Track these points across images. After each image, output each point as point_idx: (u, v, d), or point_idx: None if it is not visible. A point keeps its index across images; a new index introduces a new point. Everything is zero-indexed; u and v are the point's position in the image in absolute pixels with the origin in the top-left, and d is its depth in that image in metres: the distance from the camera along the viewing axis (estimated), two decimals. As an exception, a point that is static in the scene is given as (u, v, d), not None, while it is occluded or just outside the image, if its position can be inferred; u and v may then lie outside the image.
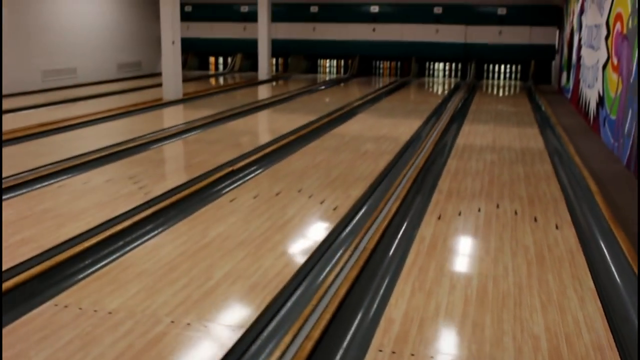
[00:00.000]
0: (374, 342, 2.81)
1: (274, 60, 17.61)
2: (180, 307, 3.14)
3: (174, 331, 2.90)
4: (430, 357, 2.71)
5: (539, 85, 15.29)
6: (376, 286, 3.49)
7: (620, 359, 2.74)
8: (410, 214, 4.82)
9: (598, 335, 2.93)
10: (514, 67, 16.57)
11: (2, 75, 11.62)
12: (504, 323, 3.02)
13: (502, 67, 16.68)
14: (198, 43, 17.36)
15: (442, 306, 3.19)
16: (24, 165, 6.01)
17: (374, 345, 2.78)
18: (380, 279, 3.58)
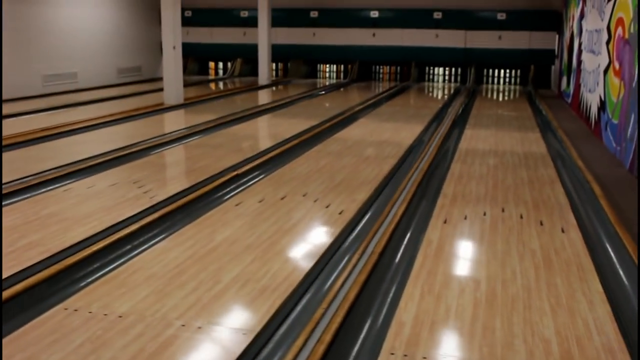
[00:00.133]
0: (385, 345, 2.82)
1: (274, 65, 17.63)
2: (190, 310, 3.14)
3: (185, 334, 2.89)
4: (442, 360, 2.72)
5: (539, 89, 15.32)
6: (385, 290, 3.49)
7: (631, 362, 2.75)
8: (416, 218, 4.83)
9: (608, 339, 2.93)
10: (513, 72, 16.61)
11: (4, 80, 11.63)
12: (514, 326, 3.03)
13: (502, 71, 16.72)
14: (198, 48, 17.37)
15: (452, 309, 3.19)
16: (28, 170, 6.01)
17: (386, 349, 2.79)
18: (389, 283, 3.59)
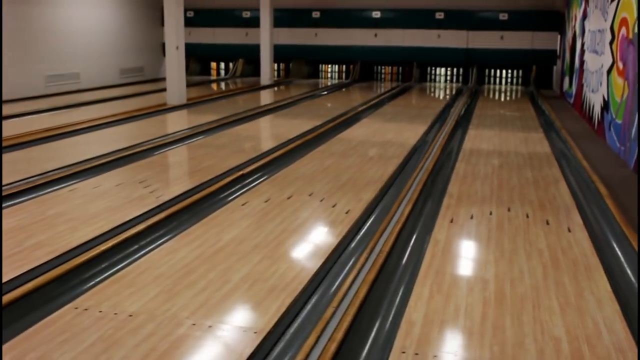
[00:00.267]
0: (396, 344, 2.82)
1: (276, 66, 17.63)
2: (200, 309, 3.14)
3: (196, 333, 2.90)
4: (454, 359, 2.72)
5: (541, 90, 15.32)
6: (394, 289, 3.49)
7: (642, 360, 2.75)
8: (423, 218, 4.83)
9: (619, 338, 2.94)
10: (515, 72, 16.61)
11: (6, 80, 11.64)
12: (524, 325, 3.03)
13: (504, 72, 16.72)
14: (200, 48, 17.36)
15: (461, 308, 3.20)
16: (33, 170, 6.02)
17: (397, 347, 2.79)
18: (397, 282, 3.59)
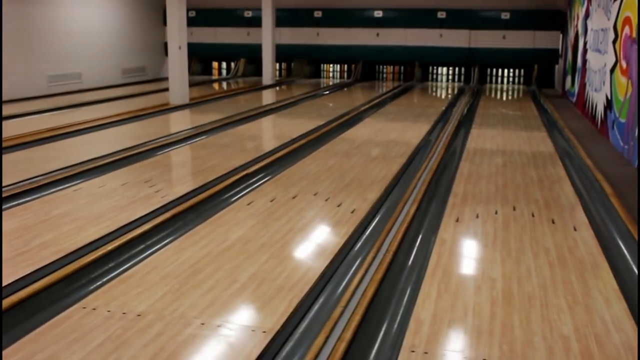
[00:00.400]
0: (405, 342, 2.82)
1: (278, 65, 17.64)
2: (208, 309, 3.14)
3: (205, 333, 2.90)
4: (463, 358, 2.72)
5: (543, 89, 15.31)
6: (402, 288, 3.49)
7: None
8: (429, 217, 4.83)
9: (627, 336, 2.94)
10: (517, 72, 16.61)
11: (8, 80, 11.64)
12: (532, 324, 3.03)
13: (506, 71, 16.72)
14: (201, 48, 17.37)
15: (469, 307, 3.20)
16: (37, 170, 6.02)
17: (406, 346, 2.79)
18: (405, 281, 3.59)
